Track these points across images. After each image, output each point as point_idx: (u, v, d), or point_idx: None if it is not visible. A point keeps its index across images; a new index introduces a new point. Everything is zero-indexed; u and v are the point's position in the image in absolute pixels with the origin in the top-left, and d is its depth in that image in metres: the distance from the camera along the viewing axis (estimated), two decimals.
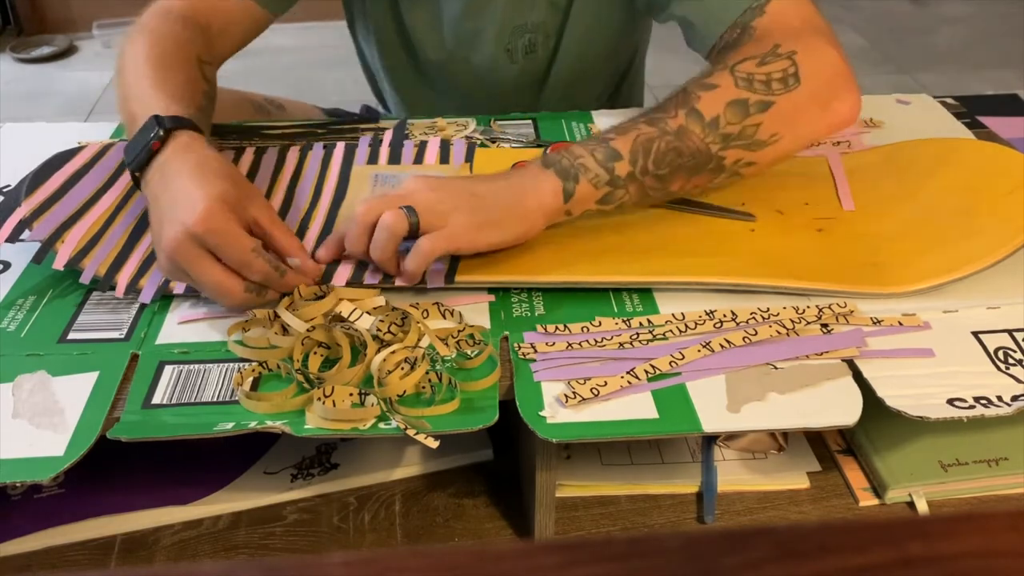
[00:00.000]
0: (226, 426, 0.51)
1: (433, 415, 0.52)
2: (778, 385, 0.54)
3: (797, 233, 0.68)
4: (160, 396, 0.54)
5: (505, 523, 0.60)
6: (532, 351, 0.57)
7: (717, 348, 0.56)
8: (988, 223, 0.66)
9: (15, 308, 0.62)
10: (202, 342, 0.58)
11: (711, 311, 0.60)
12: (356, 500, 0.61)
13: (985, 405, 0.53)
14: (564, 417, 0.52)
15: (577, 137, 0.82)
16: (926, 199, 0.70)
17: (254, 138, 0.80)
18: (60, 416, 0.53)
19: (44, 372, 0.56)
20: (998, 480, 0.61)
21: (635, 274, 0.63)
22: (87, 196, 0.68)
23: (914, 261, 0.64)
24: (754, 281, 0.62)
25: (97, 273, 0.62)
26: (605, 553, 0.24)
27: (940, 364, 0.56)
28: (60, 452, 0.50)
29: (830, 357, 0.56)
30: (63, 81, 2.74)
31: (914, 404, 0.52)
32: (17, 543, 0.58)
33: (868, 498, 0.61)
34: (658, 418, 0.52)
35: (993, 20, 2.97)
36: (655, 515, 0.61)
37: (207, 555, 0.58)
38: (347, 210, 0.69)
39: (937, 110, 0.88)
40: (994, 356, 0.57)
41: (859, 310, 0.60)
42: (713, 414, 0.52)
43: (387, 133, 0.80)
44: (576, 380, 0.54)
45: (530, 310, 0.61)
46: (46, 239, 0.63)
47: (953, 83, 2.56)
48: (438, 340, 0.57)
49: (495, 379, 0.55)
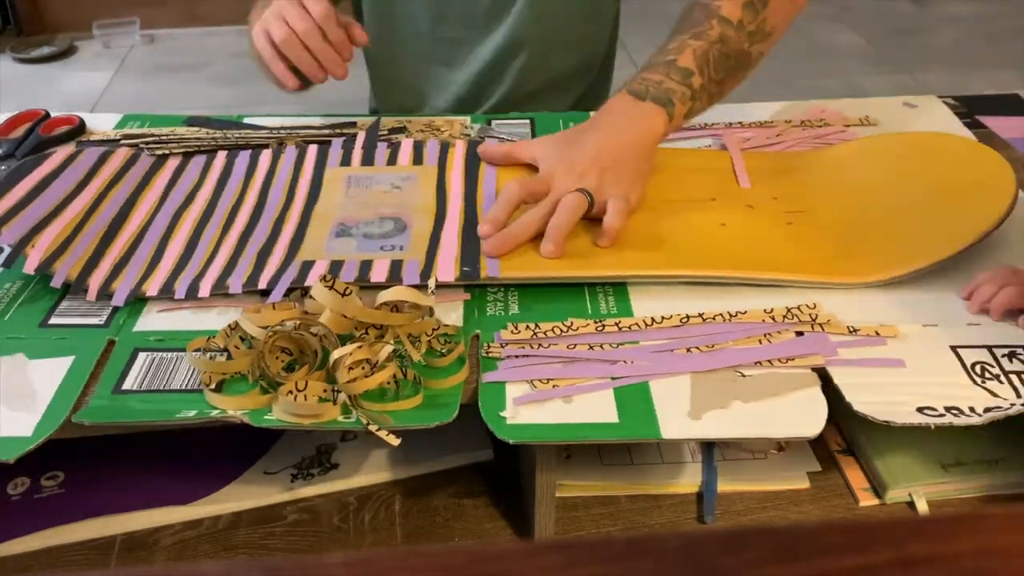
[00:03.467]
0: (188, 414, 0.52)
1: (394, 410, 0.52)
2: (743, 393, 0.54)
3: (767, 227, 0.69)
4: (131, 382, 0.55)
5: (505, 523, 0.60)
6: (500, 350, 0.57)
7: (683, 353, 0.56)
8: (954, 213, 0.67)
9: (1, 292, 0.63)
10: (179, 331, 0.59)
11: (684, 317, 0.60)
12: (356, 500, 0.61)
13: (955, 415, 0.52)
14: (524, 418, 0.52)
15: None
16: (894, 191, 0.71)
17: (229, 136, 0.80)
18: (32, 398, 0.53)
19: (22, 355, 0.57)
20: (998, 480, 0.61)
21: (609, 268, 0.63)
22: (57, 200, 0.68)
23: (882, 251, 0.65)
24: (727, 273, 0.63)
25: (68, 277, 0.62)
26: (605, 553, 0.24)
27: (914, 375, 0.56)
28: (28, 433, 0.51)
29: (798, 364, 0.56)
30: (63, 81, 2.74)
31: (882, 410, 0.52)
32: (17, 543, 0.58)
33: (868, 498, 0.61)
34: (618, 423, 0.52)
35: (993, 20, 2.97)
36: (655, 515, 0.61)
37: (207, 555, 0.58)
38: (320, 213, 0.69)
39: (940, 111, 0.88)
40: (971, 370, 0.56)
41: (836, 319, 0.60)
42: (674, 420, 0.52)
43: (360, 135, 0.80)
44: (539, 380, 0.54)
45: (504, 309, 0.61)
46: (16, 243, 0.63)
47: (953, 83, 2.57)
48: (408, 342, 0.57)
49: (461, 378, 0.55)
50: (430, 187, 0.72)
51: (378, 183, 0.73)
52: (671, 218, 0.69)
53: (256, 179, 0.74)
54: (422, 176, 0.74)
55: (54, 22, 2.98)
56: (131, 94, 2.64)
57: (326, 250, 0.65)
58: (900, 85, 2.55)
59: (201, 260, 0.65)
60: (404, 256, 0.64)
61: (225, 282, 0.62)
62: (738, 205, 0.71)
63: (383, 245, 0.65)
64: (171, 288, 0.62)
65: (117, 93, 2.65)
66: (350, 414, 0.53)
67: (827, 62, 2.71)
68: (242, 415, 0.52)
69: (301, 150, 0.77)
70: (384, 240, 0.66)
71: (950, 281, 0.64)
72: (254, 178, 0.74)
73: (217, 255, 0.65)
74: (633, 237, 0.67)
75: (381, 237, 0.66)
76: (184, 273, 0.64)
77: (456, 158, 0.76)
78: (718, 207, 0.71)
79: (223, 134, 0.79)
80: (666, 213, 0.70)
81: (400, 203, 0.70)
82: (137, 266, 0.64)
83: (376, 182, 0.73)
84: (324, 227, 0.68)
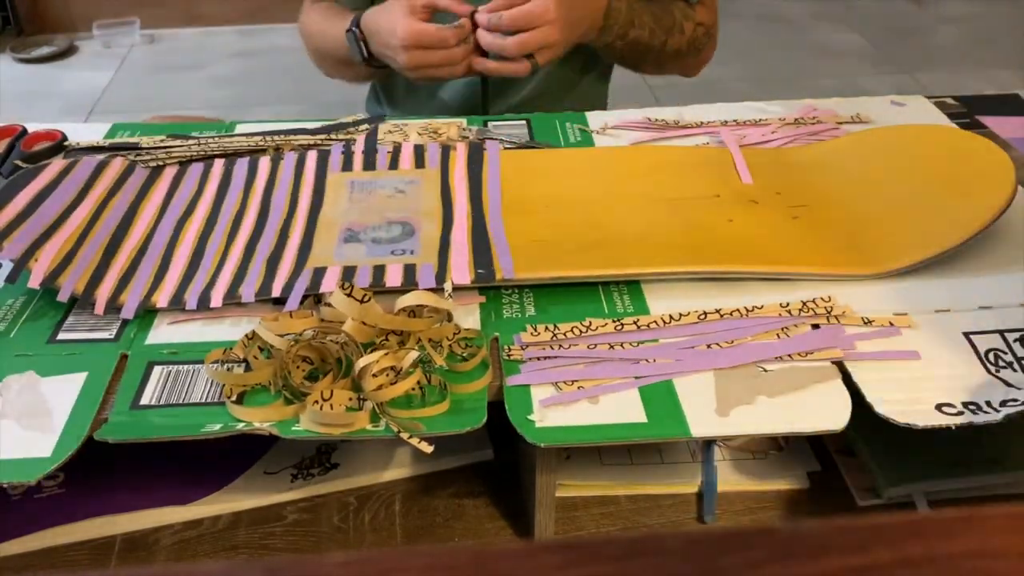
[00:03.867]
0: (214, 427, 0.51)
1: (423, 416, 0.52)
2: (767, 388, 0.54)
3: (774, 222, 0.69)
4: (148, 397, 0.54)
5: (505, 523, 0.61)
6: (521, 353, 0.57)
7: (704, 350, 0.57)
8: (955, 203, 0.67)
9: (5, 309, 0.62)
10: (192, 343, 0.58)
11: (702, 313, 0.60)
12: (356, 500, 0.61)
13: (974, 411, 0.52)
14: (552, 421, 0.52)
15: (571, 136, 0.83)
16: (894, 182, 0.72)
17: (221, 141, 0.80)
18: (48, 417, 0.52)
19: (33, 372, 0.56)
20: (998, 480, 0.61)
21: (624, 267, 0.63)
22: (56, 213, 0.66)
23: (890, 242, 0.65)
24: (742, 268, 0.63)
25: (75, 291, 0.61)
26: (605, 553, 0.24)
27: (930, 366, 0.56)
28: (48, 453, 0.50)
29: (817, 358, 0.56)
30: (63, 81, 2.74)
31: (903, 411, 0.52)
32: (17, 543, 0.58)
33: (868, 498, 0.61)
34: (647, 422, 0.52)
35: (993, 20, 2.97)
36: (655, 515, 0.61)
37: (207, 555, 0.58)
38: (325, 219, 0.69)
39: (931, 112, 0.88)
40: (984, 358, 0.57)
41: (851, 310, 0.60)
42: (702, 418, 0.52)
43: (359, 139, 0.80)
44: (564, 381, 0.54)
45: (520, 311, 0.61)
46: (18, 258, 0.62)
47: (953, 83, 2.57)
48: (431, 348, 0.57)
49: (486, 382, 0.55)
50: (435, 191, 0.72)
51: (381, 187, 0.73)
52: (679, 215, 0.69)
53: (257, 186, 0.73)
54: (426, 180, 0.73)
55: (54, 22, 2.98)
56: (131, 94, 2.64)
57: (336, 256, 0.64)
58: (900, 85, 2.55)
59: (209, 270, 0.64)
60: (416, 260, 0.64)
61: (237, 291, 0.62)
62: (742, 200, 0.71)
63: (393, 250, 0.65)
64: (181, 299, 0.61)
65: (117, 93, 2.65)
66: (378, 422, 0.52)
67: (827, 62, 2.71)
68: (269, 427, 0.51)
69: (301, 156, 0.77)
70: (394, 245, 0.66)
71: (959, 265, 0.64)
72: (255, 185, 0.73)
73: (225, 264, 0.65)
74: (644, 235, 0.67)
75: (390, 242, 0.66)
76: (193, 283, 0.63)
77: (458, 161, 0.76)
78: (723, 203, 0.71)
79: (216, 143, 0.79)
80: (673, 210, 0.70)
81: (406, 207, 0.70)
82: (144, 278, 0.63)
83: (379, 186, 0.73)
84: (332, 233, 0.67)
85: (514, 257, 0.63)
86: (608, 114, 0.86)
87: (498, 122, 0.85)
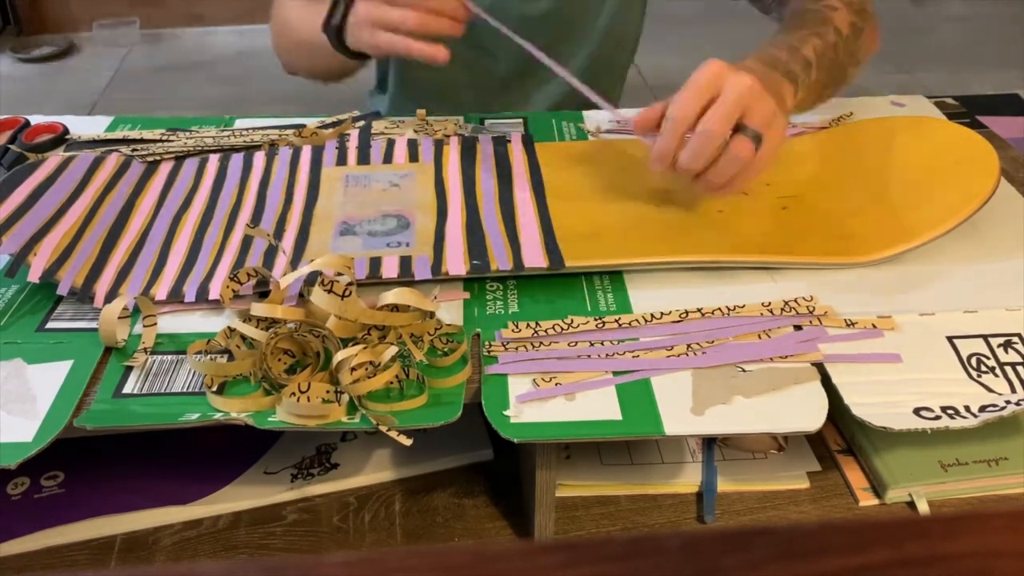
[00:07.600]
0: (191, 417, 0.52)
1: (400, 410, 0.52)
2: (744, 388, 0.54)
3: (763, 212, 0.70)
4: (131, 386, 0.55)
5: (505, 523, 0.61)
6: (501, 349, 0.57)
7: (684, 351, 0.57)
8: (942, 193, 0.68)
9: None
10: (177, 333, 0.59)
11: (683, 312, 0.60)
12: (356, 500, 0.61)
13: (951, 416, 0.52)
14: (527, 417, 0.52)
15: (566, 135, 0.83)
16: (883, 173, 0.72)
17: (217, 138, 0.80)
18: (32, 403, 0.53)
19: (20, 360, 0.56)
20: (998, 480, 0.61)
21: (610, 257, 0.64)
22: (56, 207, 0.67)
23: (877, 232, 0.66)
24: (729, 258, 0.64)
25: (74, 285, 0.62)
26: (605, 553, 0.24)
27: (911, 370, 0.56)
28: (29, 439, 0.51)
29: (796, 360, 0.56)
30: (63, 81, 2.74)
31: (879, 413, 0.52)
32: (17, 543, 0.58)
33: (868, 498, 0.61)
34: (621, 420, 0.52)
35: (993, 20, 2.97)
36: (655, 515, 0.61)
37: (207, 555, 0.58)
38: (321, 213, 0.69)
39: (931, 112, 0.88)
40: (967, 363, 0.57)
41: (833, 311, 0.60)
42: (676, 417, 0.52)
43: (352, 134, 0.80)
44: (541, 376, 0.54)
45: (504, 307, 0.61)
46: (17, 252, 0.62)
47: (953, 83, 2.57)
48: (411, 342, 0.57)
49: (464, 377, 0.55)
50: (429, 184, 0.73)
51: (376, 181, 0.73)
52: (668, 206, 0.70)
53: (252, 181, 0.74)
54: (420, 173, 0.74)
55: (54, 22, 2.98)
56: (131, 94, 2.64)
57: (332, 249, 0.65)
58: (900, 85, 2.55)
59: (207, 263, 0.65)
60: (412, 252, 0.64)
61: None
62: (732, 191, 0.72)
63: (389, 242, 0.66)
64: (180, 291, 0.62)
65: (117, 93, 2.65)
66: (354, 415, 0.53)
67: None
68: (246, 417, 0.52)
69: (295, 150, 0.77)
70: (389, 237, 0.66)
71: (945, 268, 0.65)
72: (250, 180, 0.74)
73: (222, 257, 0.65)
74: (632, 226, 0.67)
75: (385, 234, 0.67)
76: (191, 276, 0.63)
77: (451, 155, 0.76)
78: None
79: (213, 138, 0.79)
80: (662, 201, 0.70)
81: (401, 200, 0.71)
82: (142, 271, 0.64)
83: (374, 180, 0.73)
84: (327, 226, 0.68)
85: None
86: (605, 113, 0.86)
87: (493, 119, 0.85)
